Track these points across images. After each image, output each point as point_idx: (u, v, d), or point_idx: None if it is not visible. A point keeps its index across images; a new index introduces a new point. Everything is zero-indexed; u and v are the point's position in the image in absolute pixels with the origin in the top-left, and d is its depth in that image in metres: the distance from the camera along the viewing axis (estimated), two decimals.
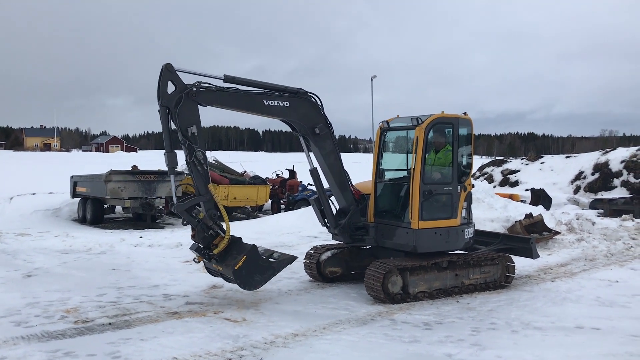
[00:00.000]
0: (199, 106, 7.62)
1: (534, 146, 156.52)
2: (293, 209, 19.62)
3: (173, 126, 7.51)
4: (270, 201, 21.34)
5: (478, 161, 39.09)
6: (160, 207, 17.42)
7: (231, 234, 7.71)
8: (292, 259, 8.02)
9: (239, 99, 7.90)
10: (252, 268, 7.56)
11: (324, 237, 13.60)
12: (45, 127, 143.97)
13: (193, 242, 7.86)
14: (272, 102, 8.07)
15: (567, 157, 26.63)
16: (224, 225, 7.68)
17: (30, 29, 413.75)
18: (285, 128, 8.83)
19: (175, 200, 7.62)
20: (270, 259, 7.99)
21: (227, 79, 7.78)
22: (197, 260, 7.85)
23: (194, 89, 7.47)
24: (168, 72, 7.41)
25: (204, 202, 7.61)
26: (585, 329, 6.96)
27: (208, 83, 7.63)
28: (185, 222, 7.64)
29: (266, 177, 22.14)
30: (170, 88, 7.47)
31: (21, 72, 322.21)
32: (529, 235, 11.57)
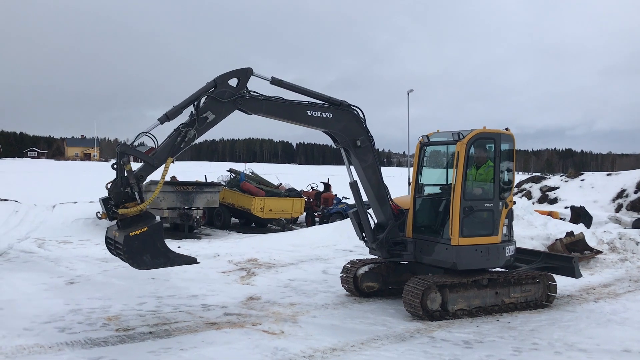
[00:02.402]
0: (244, 114, 7.74)
1: (572, 163, 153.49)
2: (327, 222, 19.59)
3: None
4: (304, 214, 21.40)
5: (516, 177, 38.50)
6: (198, 217, 17.63)
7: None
8: (191, 260, 7.19)
9: (283, 108, 8.00)
10: (146, 245, 6.73)
11: (359, 251, 13.54)
12: (85, 137, 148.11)
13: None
14: (315, 113, 8.15)
15: (608, 174, 26.05)
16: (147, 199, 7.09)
17: (73, 45, 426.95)
18: (319, 141, 8.88)
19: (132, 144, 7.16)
20: (177, 249, 7.15)
21: (273, 81, 7.94)
22: (101, 217, 7.09)
23: (241, 97, 7.60)
24: (243, 73, 7.65)
25: (146, 161, 7.09)
26: (632, 352, 6.75)
27: (255, 92, 7.77)
28: (114, 166, 6.98)
29: (301, 190, 22.21)
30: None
31: (64, 84, 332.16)
32: (571, 254, 11.29)
